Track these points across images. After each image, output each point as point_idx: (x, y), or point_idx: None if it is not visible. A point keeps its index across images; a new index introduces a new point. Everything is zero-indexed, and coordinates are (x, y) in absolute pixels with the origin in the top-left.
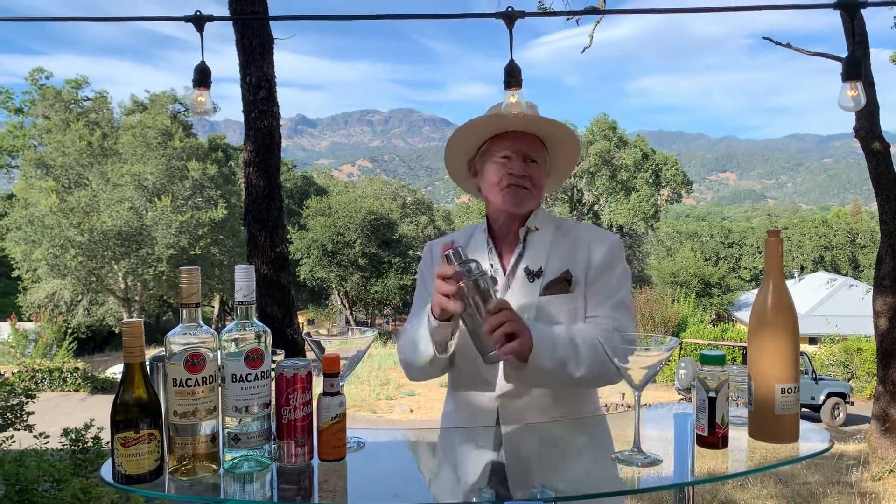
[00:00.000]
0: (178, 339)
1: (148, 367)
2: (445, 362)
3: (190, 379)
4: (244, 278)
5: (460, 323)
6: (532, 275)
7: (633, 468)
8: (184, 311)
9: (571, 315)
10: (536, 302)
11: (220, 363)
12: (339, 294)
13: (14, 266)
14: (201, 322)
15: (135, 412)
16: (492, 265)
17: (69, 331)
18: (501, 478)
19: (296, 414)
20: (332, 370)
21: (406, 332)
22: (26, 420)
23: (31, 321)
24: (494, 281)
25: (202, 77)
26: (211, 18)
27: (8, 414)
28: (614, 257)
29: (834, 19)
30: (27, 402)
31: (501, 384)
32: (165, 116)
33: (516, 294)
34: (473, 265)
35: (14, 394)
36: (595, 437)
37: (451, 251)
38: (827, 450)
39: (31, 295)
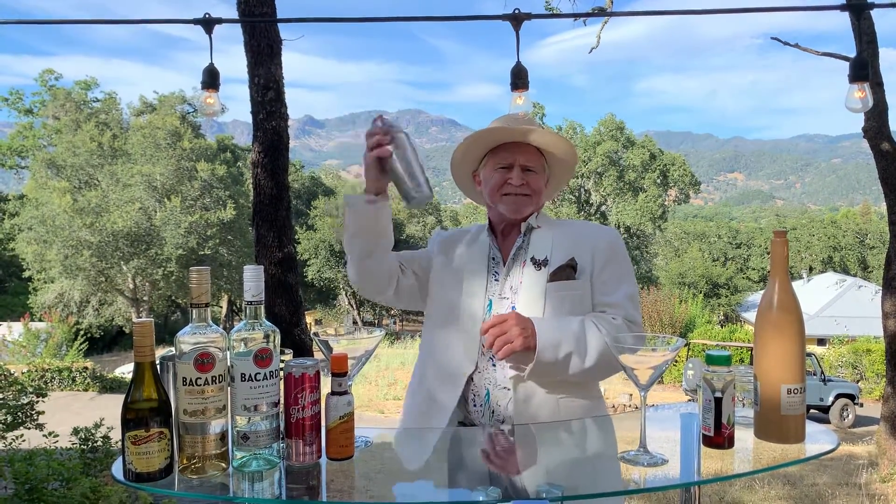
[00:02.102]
0: (188, 339)
1: (158, 366)
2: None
3: (200, 378)
4: (253, 278)
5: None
6: (538, 264)
7: (639, 468)
8: (193, 311)
9: (577, 301)
10: (544, 288)
11: (229, 363)
12: (346, 294)
13: (25, 267)
14: (211, 322)
15: (145, 411)
16: (493, 258)
17: (80, 331)
18: (508, 476)
19: (304, 413)
20: (340, 370)
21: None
22: (36, 419)
23: (43, 321)
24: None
25: (211, 79)
26: (220, 21)
27: (18, 413)
28: (618, 249)
29: (843, 19)
30: (37, 401)
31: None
32: (174, 117)
33: (525, 282)
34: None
35: (25, 393)
36: (601, 436)
37: (378, 119)
38: (833, 450)
39: (42, 296)
